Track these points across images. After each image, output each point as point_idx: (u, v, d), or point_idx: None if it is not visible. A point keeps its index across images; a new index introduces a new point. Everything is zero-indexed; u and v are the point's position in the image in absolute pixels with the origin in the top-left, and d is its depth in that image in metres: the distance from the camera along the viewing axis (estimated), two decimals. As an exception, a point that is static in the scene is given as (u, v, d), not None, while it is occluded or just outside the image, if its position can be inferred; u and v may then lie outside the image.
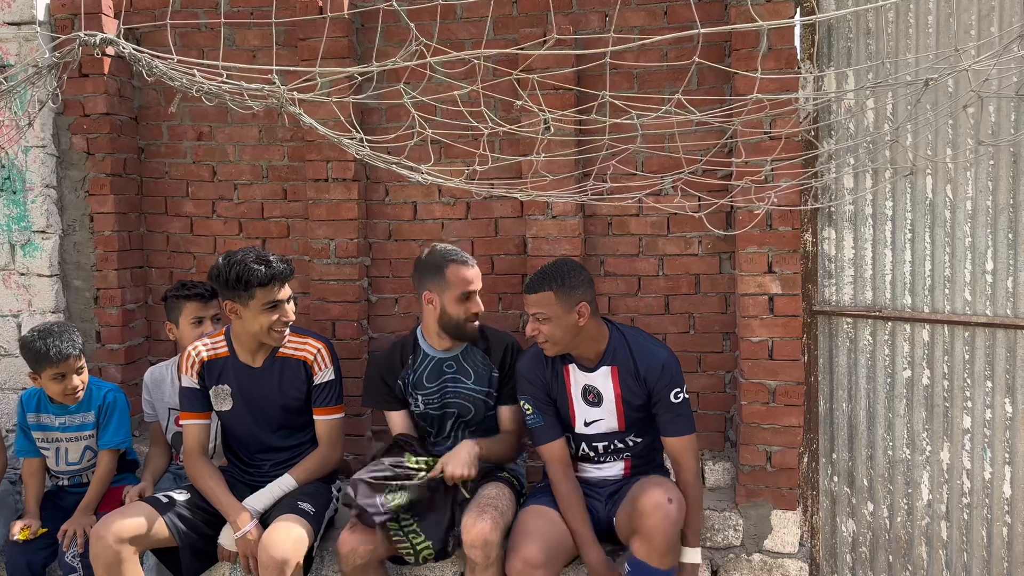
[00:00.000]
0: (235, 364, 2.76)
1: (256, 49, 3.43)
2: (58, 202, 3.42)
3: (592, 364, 2.68)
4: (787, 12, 2.81)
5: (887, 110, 2.83)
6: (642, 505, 2.43)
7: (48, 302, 3.39)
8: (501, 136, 3.15)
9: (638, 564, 2.45)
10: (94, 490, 2.88)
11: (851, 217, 2.93)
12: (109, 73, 3.35)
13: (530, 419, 2.70)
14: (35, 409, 2.93)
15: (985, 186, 2.77)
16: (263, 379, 2.76)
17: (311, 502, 2.66)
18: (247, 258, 2.60)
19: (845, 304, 2.96)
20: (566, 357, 2.70)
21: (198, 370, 2.77)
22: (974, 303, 2.81)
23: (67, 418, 2.93)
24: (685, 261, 3.22)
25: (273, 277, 2.61)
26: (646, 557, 2.43)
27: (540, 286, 2.58)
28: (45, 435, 2.94)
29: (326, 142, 3.17)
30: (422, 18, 2.90)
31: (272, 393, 2.76)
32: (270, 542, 2.44)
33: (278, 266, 2.63)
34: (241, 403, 2.77)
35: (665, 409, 2.63)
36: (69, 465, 2.97)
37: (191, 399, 2.77)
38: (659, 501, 2.41)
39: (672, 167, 2.96)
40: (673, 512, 2.41)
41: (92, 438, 2.96)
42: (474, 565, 2.47)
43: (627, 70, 3.15)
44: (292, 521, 2.52)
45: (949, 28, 2.75)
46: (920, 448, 2.93)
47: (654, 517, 2.40)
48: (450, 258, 2.76)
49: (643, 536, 2.42)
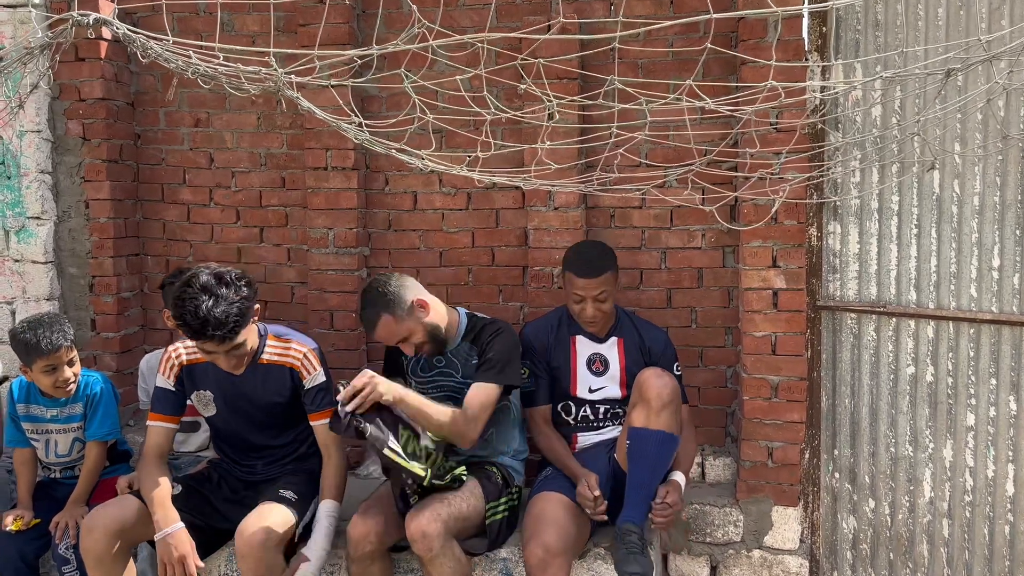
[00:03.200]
0: (216, 369, 2.63)
1: (255, 35, 3.38)
2: (53, 188, 3.37)
3: (602, 335, 2.86)
4: (796, 1, 2.78)
5: (895, 104, 2.80)
6: (639, 379, 2.57)
7: (42, 289, 3.35)
8: (504, 124, 3.11)
9: (636, 432, 2.52)
10: (84, 482, 2.83)
11: (857, 211, 2.90)
12: (106, 58, 3.30)
13: (525, 384, 2.80)
14: (24, 400, 2.87)
15: (993, 181, 2.74)
16: (245, 386, 2.64)
17: (293, 489, 2.61)
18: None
19: (849, 299, 2.93)
20: (574, 328, 2.86)
21: (176, 373, 2.65)
22: (980, 300, 2.78)
23: (58, 410, 2.87)
24: (688, 254, 3.18)
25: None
26: (644, 422, 2.50)
27: (603, 268, 2.73)
28: (35, 426, 2.89)
29: (326, 130, 3.13)
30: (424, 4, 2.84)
31: (256, 399, 2.65)
32: (246, 526, 2.40)
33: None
34: (225, 408, 2.67)
35: None
36: (59, 457, 2.92)
37: (163, 400, 2.64)
38: (657, 373, 2.56)
39: (676, 159, 2.92)
40: (669, 381, 2.53)
41: (80, 430, 2.90)
42: (421, 559, 2.43)
43: (631, 60, 3.11)
44: (271, 507, 2.49)
45: (959, 21, 2.71)
46: (923, 445, 2.90)
47: (650, 384, 2.51)
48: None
49: (641, 403, 2.52)
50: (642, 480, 2.51)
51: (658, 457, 2.51)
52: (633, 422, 2.53)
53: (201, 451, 3.15)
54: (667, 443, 2.51)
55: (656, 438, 2.48)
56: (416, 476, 2.42)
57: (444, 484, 2.49)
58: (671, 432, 2.50)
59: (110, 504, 2.52)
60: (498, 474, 2.71)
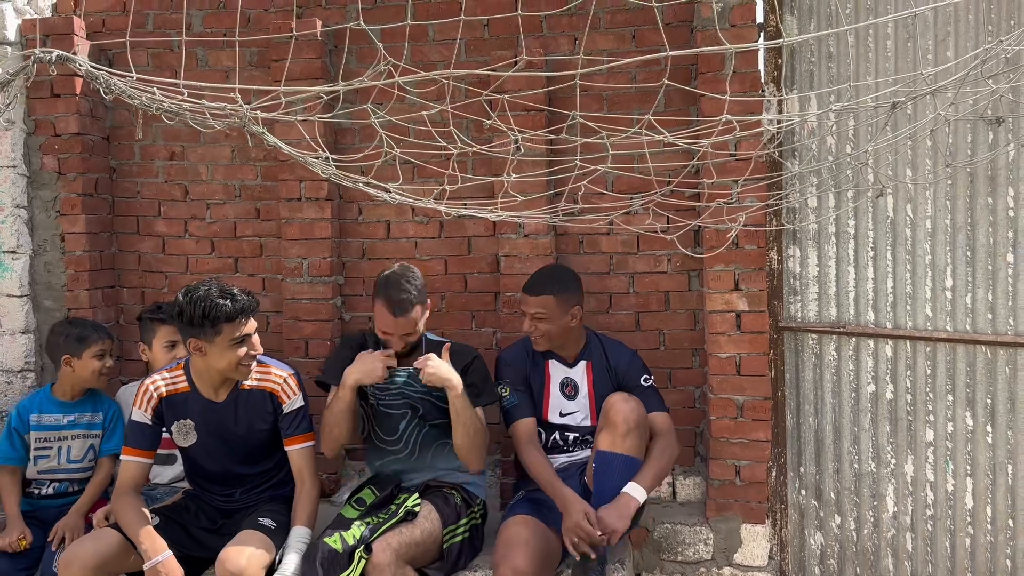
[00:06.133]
0: (196, 399, 2.64)
1: (229, 70, 3.44)
2: (28, 222, 3.40)
3: (572, 360, 2.92)
4: (751, 36, 2.89)
5: (848, 132, 2.91)
6: (606, 404, 2.64)
7: (18, 323, 3.37)
8: (472, 156, 3.19)
9: (602, 455, 2.59)
10: (90, 493, 2.93)
11: (815, 236, 3.00)
12: (81, 93, 3.35)
13: (507, 400, 2.84)
14: (38, 410, 2.98)
15: (944, 205, 2.85)
16: (227, 413, 2.65)
17: (272, 517, 2.63)
18: (211, 293, 2.48)
19: (810, 320, 3.03)
20: (548, 353, 2.92)
21: (154, 406, 2.63)
22: (935, 319, 2.88)
23: (75, 416, 2.99)
24: (655, 279, 3.27)
25: (240, 311, 2.51)
26: (609, 446, 2.57)
27: (541, 290, 2.79)
28: (47, 434, 2.96)
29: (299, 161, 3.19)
30: (395, 39, 2.95)
31: (238, 427, 2.66)
32: (226, 557, 2.40)
33: (243, 299, 2.52)
34: (206, 437, 2.67)
35: (639, 393, 2.78)
36: (70, 463, 2.98)
37: (138, 435, 2.62)
38: (623, 397, 2.64)
39: (641, 187, 3.01)
40: (635, 406, 2.60)
41: (98, 438, 3.02)
42: None
43: (596, 92, 3.21)
44: (250, 536, 2.50)
45: (907, 52, 2.84)
46: (885, 461, 2.99)
47: (615, 408, 2.59)
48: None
49: (607, 428, 2.60)
50: (604, 504, 2.55)
51: (621, 481, 2.57)
52: (600, 445, 2.61)
53: (176, 482, 3.16)
54: (631, 467, 2.58)
55: (620, 461, 2.56)
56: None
57: (396, 521, 2.52)
58: (635, 456, 2.58)
59: (87, 539, 2.52)
60: (457, 495, 2.73)
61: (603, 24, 3.22)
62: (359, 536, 2.47)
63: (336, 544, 2.43)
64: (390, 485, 2.74)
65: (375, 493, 2.72)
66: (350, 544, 2.44)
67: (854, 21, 2.86)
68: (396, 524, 2.51)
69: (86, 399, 3.02)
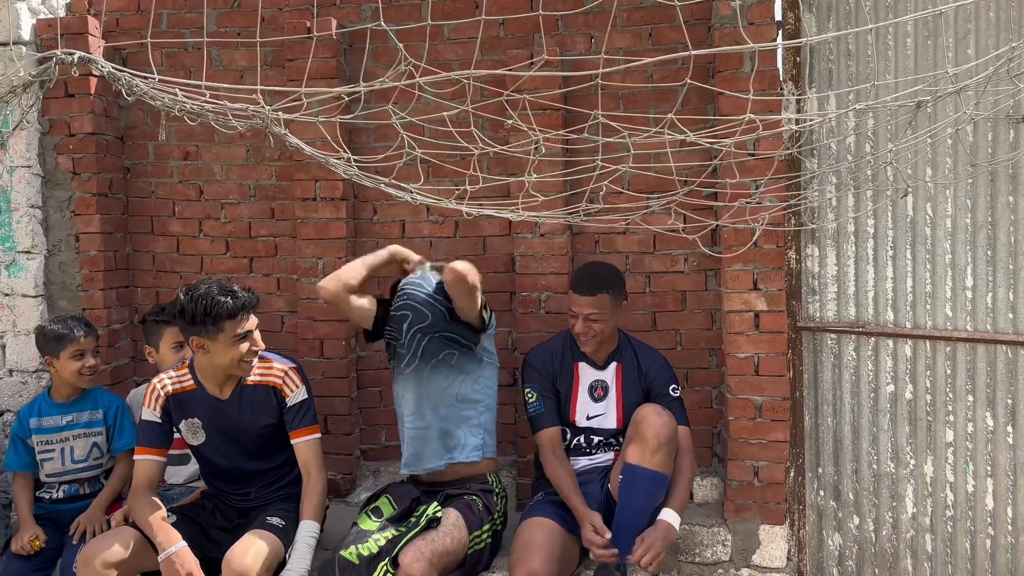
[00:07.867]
0: (203, 396, 2.67)
1: (244, 69, 3.44)
2: (43, 222, 3.40)
3: (602, 362, 2.90)
4: (770, 34, 2.87)
5: (868, 132, 2.89)
6: (638, 415, 2.60)
7: (33, 323, 3.36)
8: (490, 156, 3.18)
9: (631, 468, 2.55)
10: (110, 489, 2.96)
11: (834, 235, 2.98)
12: (95, 93, 3.34)
13: (532, 407, 2.84)
14: (37, 414, 2.97)
15: (964, 204, 2.83)
16: (232, 410, 2.68)
17: (281, 516, 2.64)
18: (212, 291, 2.52)
19: (829, 320, 3.01)
20: (577, 354, 2.89)
21: (162, 404, 2.67)
22: (955, 319, 2.86)
23: (74, 415, 2.98)
24: (671, 278, 3.25)
25: (241, 308, 2.54)
26: (639, 460, 2.54)
27: (597, 289, 2.76)
28: (48, 437, 2.96)
29: (314, 161, 3.18)
30: (410, 39, 2.92)
31: (244, 423, 2.68)
32: (231, 556, 2.42)
33: (244, 296, 2.56)
34: (214, 435, 2.70)
35: (666, 403, 2.76)
36: (76, 463, 2.98)
37: (149, 433, 2.66)
38: (656, 411, 2.59)
39: (658, 186, 3.00)
40: (667, 420, 2.56)
41: (101, 435, 3.01)
42: None
43: (613, 91, 3.19)
44: (257, 535, 2.51)
45: (927, 50, 2.81)
46: (904, 462, 2.97)
47: (647, 422, 2.54)
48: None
49: (637, 440, 2.56)
50: (630, 519, 2.55)
51: (648, 496, 2.55)
52: (628, 457, 2.57)
53: (191, 482, 3.16)
54: (659, 483, 2.56)
55: (649, 477, 2.53)
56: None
57: (420, 531, 2.51)
58: (664, 472, 2.55)
59: (106, 536, 2.54)
60: (479, 502, 2.73)
61: (620, 22, 3.20)
62: (376, 550, 2.45)
63: (352, 557, 2.42)
64: (408, 497, 2.71)
65: (393, 505, 2.68)
66: (366, 556, 2.42)
67: (873, 18, 2.84)
68: (419, 533, 2.50)
69: (83, 398, 3.02)
